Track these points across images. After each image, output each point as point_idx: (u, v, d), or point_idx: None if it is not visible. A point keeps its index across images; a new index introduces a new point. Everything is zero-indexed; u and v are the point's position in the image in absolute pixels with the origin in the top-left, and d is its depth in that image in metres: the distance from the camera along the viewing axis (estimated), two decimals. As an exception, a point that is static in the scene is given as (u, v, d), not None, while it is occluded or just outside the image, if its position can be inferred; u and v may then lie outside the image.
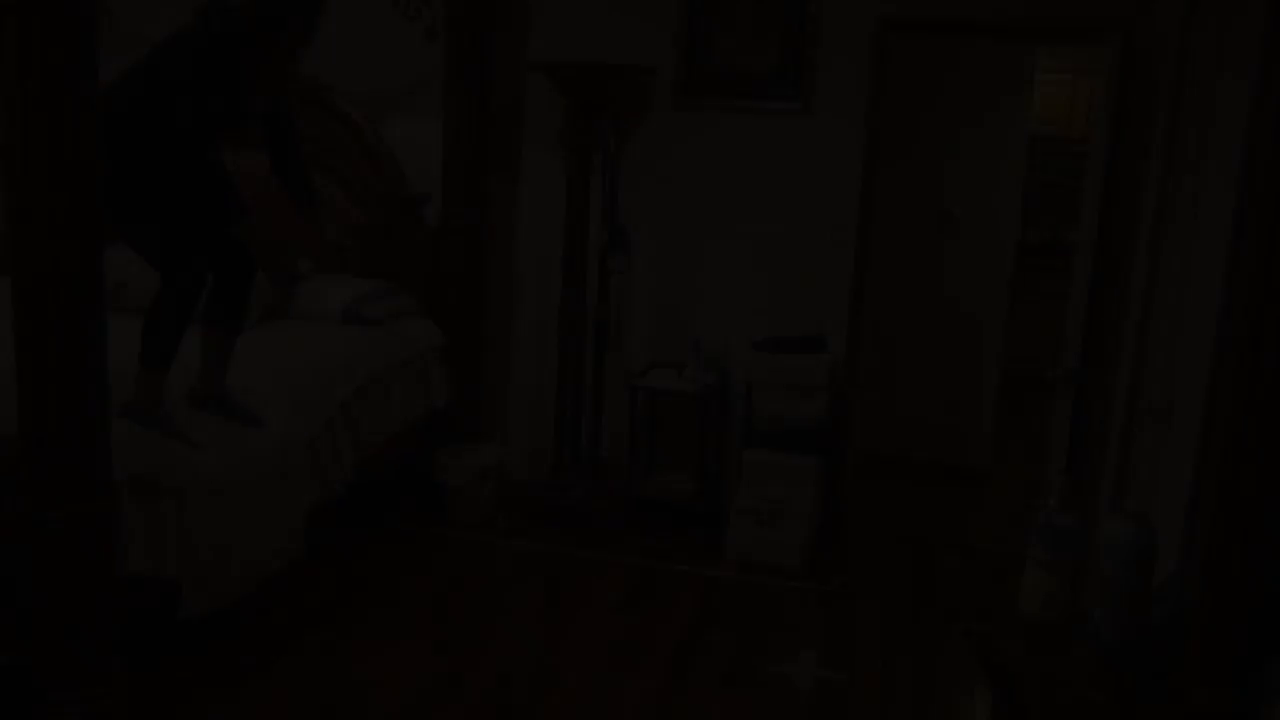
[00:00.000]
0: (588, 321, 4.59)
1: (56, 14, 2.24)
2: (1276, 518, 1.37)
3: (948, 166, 5.46)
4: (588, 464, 4.65)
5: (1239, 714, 1.39)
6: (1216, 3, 2.76)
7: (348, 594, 3.80)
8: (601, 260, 4.45)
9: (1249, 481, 1.38)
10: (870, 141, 4.41)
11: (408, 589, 3.88)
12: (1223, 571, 1.40)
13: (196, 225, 3.30)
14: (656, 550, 4.34)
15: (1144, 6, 3.82)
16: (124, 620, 2.75)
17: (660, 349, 4.77)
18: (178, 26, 3.14)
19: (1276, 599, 1.39)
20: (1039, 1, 4.15)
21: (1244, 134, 2.29)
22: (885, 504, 5.12)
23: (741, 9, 4.42)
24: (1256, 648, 1.39)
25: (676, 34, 4.48)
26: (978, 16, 4.25)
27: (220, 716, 3.03)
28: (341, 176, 4.69)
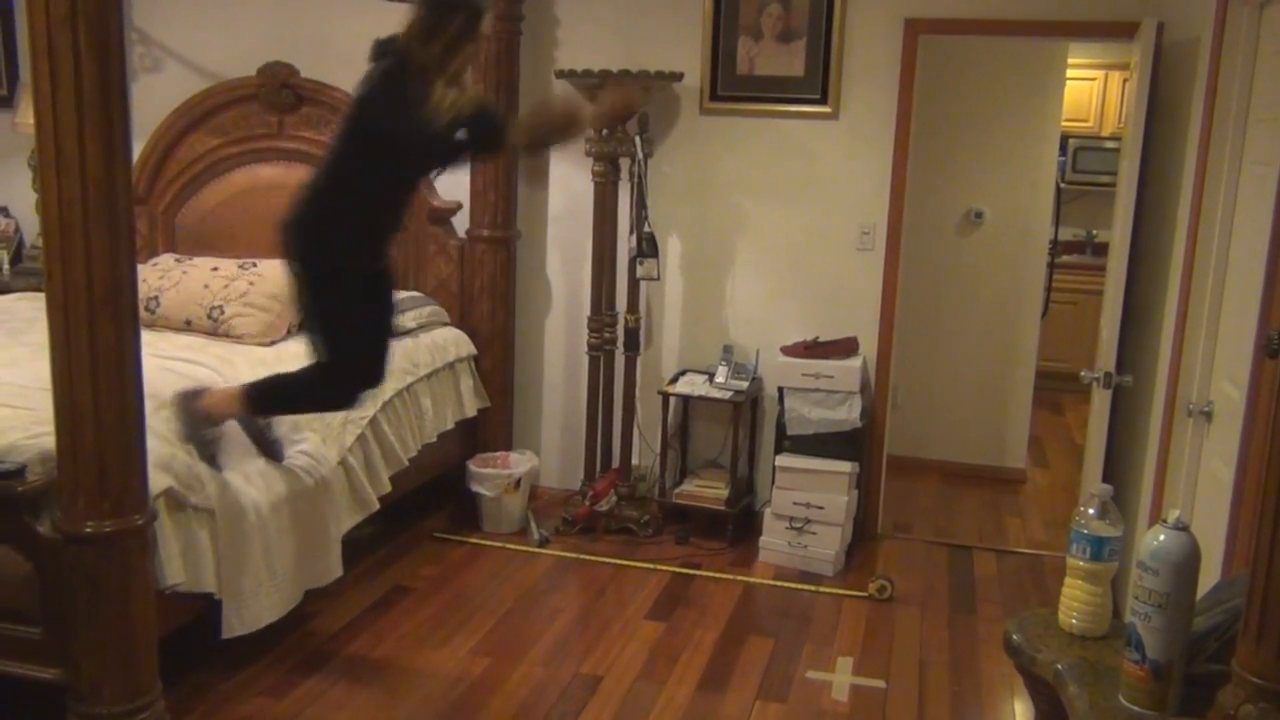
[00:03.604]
0: (618, 329, 4.58)
1: (88, 32, 2.27)
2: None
3: (978, 166, 5.42)
4: (620, 471, 4.65)
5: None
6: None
7: (384, 602, 3.82)
8: (631, 267, 4.45)
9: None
10: (899, 143, 4.39)
11: (443, 597, 3.89)
12: (1270, 580, 1.37)
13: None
14: (690, 557, 4.33)
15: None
16: (163, 635, 2.77)
17: (691, 355, 4.76)
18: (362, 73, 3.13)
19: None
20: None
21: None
22: (920, 508, 5.08)
23: (768, 13, 4.42)
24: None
25: (704, 39, 4.47)
26: (1004, 16, 4.22)
27: (258, 728, 3.04)
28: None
